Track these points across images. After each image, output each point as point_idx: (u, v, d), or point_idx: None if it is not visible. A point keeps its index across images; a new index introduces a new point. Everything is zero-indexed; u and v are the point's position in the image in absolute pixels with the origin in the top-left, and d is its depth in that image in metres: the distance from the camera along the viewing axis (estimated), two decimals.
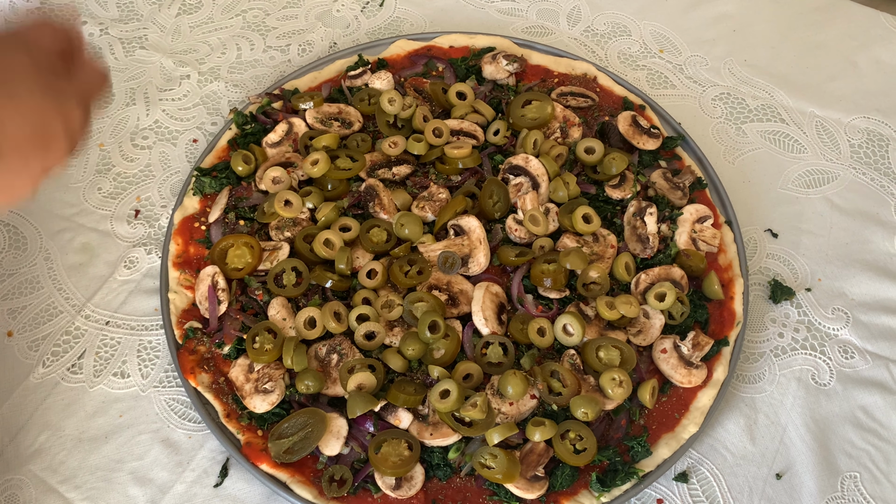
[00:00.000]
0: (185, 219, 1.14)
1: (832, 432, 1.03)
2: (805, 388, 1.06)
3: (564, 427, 0.97)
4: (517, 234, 1.11)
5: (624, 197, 1.15)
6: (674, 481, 1.00)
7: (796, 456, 1.02)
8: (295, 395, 1.00)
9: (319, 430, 0.96)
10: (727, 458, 1.01)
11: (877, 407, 1.05)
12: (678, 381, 1.02)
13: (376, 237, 1.10)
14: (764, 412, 1.05)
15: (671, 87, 1.35)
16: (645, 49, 1.40)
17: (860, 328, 1.11)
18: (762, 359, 1.09)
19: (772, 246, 1.18)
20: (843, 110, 1.32)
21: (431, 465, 0.97)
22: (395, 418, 0.98)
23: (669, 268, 1.09)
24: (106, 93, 0.70)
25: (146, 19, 1.42)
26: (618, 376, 0.98)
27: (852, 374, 1.08)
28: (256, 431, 0.99)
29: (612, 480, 0.96)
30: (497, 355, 1.02)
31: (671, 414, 1.01)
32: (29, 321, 1.09)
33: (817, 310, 1.13)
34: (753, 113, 1.32)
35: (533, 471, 0.95)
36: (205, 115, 1.31)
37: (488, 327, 1.03)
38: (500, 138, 1.20)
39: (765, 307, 1.13)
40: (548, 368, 1.00)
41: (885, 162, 1.27)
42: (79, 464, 1.00)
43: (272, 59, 1.38)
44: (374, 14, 1.45)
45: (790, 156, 1.28)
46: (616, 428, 1.00)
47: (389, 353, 1.01)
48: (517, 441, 0.97)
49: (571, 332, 1.03)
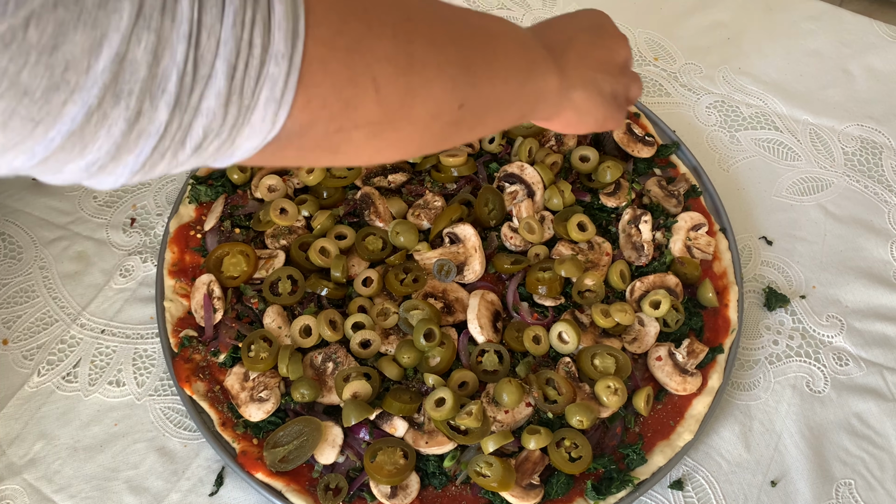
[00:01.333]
0: (181, 227, 1.15)
1: (827, 439, 1.04)
2: (800, 396, 1.07)
3: (560, 435, 0.97)
4: (512, 242, 1.12)
5: (619, 205, 1.16)
6: (669, 489, 1.00)
7: (791, 463, 1.02)
8: (290, 404, 1.00)
9: (315, 438, 0.96)
10: (722, 465, 1.02)
11: (871, 414, 1.05)
12: (673, 388, 1.02)
13: (372, 245, 1.10)
14: (759, 419, 1.05)
15: (665, 94, 1.36)
16: (640, 57, 1.41)
17: (854, 335, 1.11)
18: (757, 366, 1.09)
19: (766, 253, 1.19)
20: (837, 118, 1.33)
21: (427, 474, 0.97)
22: (391, 427, 0.98)
23: (664, 276, 1.09)
24: (640, 96, 0.90)
25: None
26: (613, 384, 0.99)
27: (847, 382, 1.08)
28: (252, 440, 0.99)
29: (608, 488, 0.96)
30: (492, 363, 1.02)
31: (666, 421, 1.02)
32: (24, 330, 1.09)
33: (812, 317, 1.13)
34: (747, 121, 1.33)
35: (528, 479, 0.95)
36: None
37: (484, 335, 1.03)
38: (496, 146, 1.20)
39: (759, 314, 1.13)
40: (543, 376, 1.01)
41: (878, 169, 1.27)
42: (74, 473, 1.00)
43: None
44: None
45: (784, 163, 1.28)
46: (611, 436, 1.00)
47: (385, 362, 1.01)
48: (512, 449, 0.98)
49: (567, 339, 1.03)
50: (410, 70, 0.55)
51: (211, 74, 0.43)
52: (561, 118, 0.80)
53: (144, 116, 0.42)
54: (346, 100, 0.51)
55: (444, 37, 0.59)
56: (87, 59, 0.39)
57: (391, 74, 0.53)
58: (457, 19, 0.62)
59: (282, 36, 0.45)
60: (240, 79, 0.45)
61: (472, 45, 0.63)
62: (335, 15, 0.50)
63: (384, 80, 0.53)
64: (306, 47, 0.47)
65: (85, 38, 0.38)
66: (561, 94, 0.76)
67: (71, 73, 0.38)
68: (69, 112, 0.40)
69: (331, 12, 0.49)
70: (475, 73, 0.62)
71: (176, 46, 0.41)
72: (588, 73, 0.79)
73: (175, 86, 0.42)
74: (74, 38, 0.38)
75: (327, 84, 0.49)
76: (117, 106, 0.41)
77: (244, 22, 0.44)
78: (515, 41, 0.69)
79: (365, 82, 0.52)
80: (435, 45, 0.57)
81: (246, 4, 0.44)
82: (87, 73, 0.39)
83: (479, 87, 0.63)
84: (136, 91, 0.41)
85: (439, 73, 0.58)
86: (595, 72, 0.80)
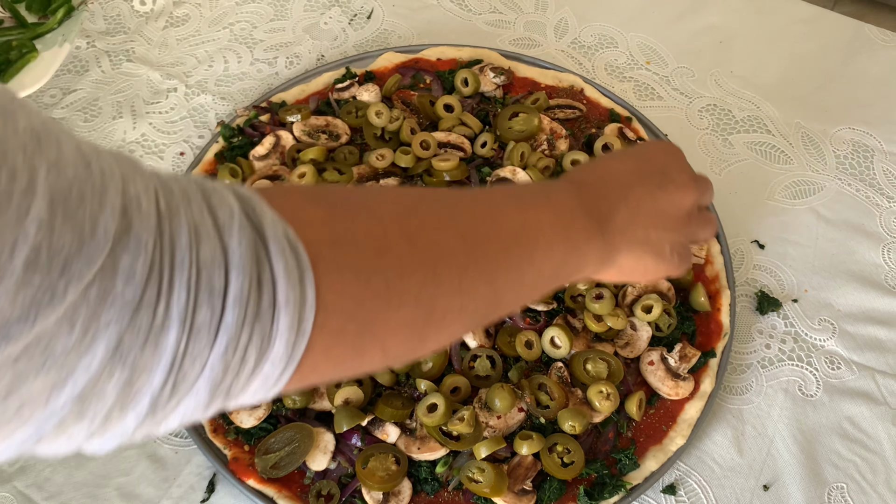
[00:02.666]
0: None
1: (819, 443, 1.04)
2: (792, 399, 1.07)
3: (552, 440, 0.97)
4: None
5: None
6: (662, 493, 1.00)
7: (784, 467, 1.02)
8: (282, 410, 1.00)
9: (306, 444, 0.96)
10: (715, 469, 1.02)
11: (863, 417, 1.06)
12: (666, 393, 1.02)
13: None
14: (751, 423, 1.05)
15: (658, 98, 1.36)
16: (632, 61, 1.41)
17: (846, 339, 1.12)
18: (749, 370, 1.09)
19: (758, 257, 1.19)
20: (829, 121, 1.33)
21: (419, 480, 0.97)
22: (383, 433, 0.97)
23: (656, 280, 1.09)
24: (711, 238, 0.83)
25: (133, 32, 1.42)
26: (605, 389, 0.99)
27: (839, 385, 1.08)
28: (243, 447, 0.99)
29: (600, 493, 0.96)
30: (485, 368, 1.02)
31: (659, 426, 1.02)
32: None
33: (804, 321, 1.13)
34: (740, 124, 1.33)
35: (521, 484, 0.95)
36: (192, 128, 1.30)
37: (476, 340, 1.03)
38: (488, 150, 1.20)
39: (752, 318, 1.13)
40: (535, 381, 1.00)
41: (870, 173, 1.27)
42: (65, 480, 0.99)
43: (259, 71, 1.38)
44: (362, 27, 1.45)
45: (776, 167, 1.28)
46: (604, 441, 1.00)
47: None
48: (505, 455, 0.97)
49: (559, 344, 1.03)
50: (427, 326, 0.50)
51: (192, 391, 0.40)
52: (602, 276, 0.72)
53: (111, 424, 0.38)
54: (345, 370, 0.48)
55: (475, 274, 0.53)
56: (47, 396, 0.35)
57: (403, 339, 0.50)
58: (492, 237, 0.55)
59: (283, 343, 0.41)
60: (226, 386, 0.41)
61: (506, 266, 0.56)
62: (350, 302, 0.45)
63: (394, 345, 0.49)
64: (311, 342, 0.43)
65: (46, 383, 0.34)
66: (603, 262, 0.68)
67: (26, 409, 0.35)
68: (19, 436, 0.36)
69: (346, 299, 0.45)
70: (502, 296, 0.57)
71: (154, 376, 0.37)
72: (639, 234, 0.69)
73: (147, 405, 0.39)
74: (33, 384, 0.34)
75: (328, 365, 0.46)
76: (79, 423, 0.37)
77: (237, 347, 0.40)
78: (554, 227, 0.62)
79: (372, 351, 0.48)
80: (461, 290, 0.52)
81: (243, 328, 0.39)
82: (46, 406, 0.35)
83: (503, 303, 0.59)
84: (102, 413, 0.37)
85: (459, 316, 0.53)
86: (648, 229, 0.70)
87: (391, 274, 0.47)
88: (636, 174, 0.72)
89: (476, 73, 1.28)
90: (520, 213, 0.60)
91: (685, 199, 0.73)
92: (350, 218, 0.47)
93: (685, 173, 0.75)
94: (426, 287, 0.49)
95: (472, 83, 1.26)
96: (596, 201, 0.67)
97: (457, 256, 0.52)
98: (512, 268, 0.57)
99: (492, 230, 0.57)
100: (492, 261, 0.56)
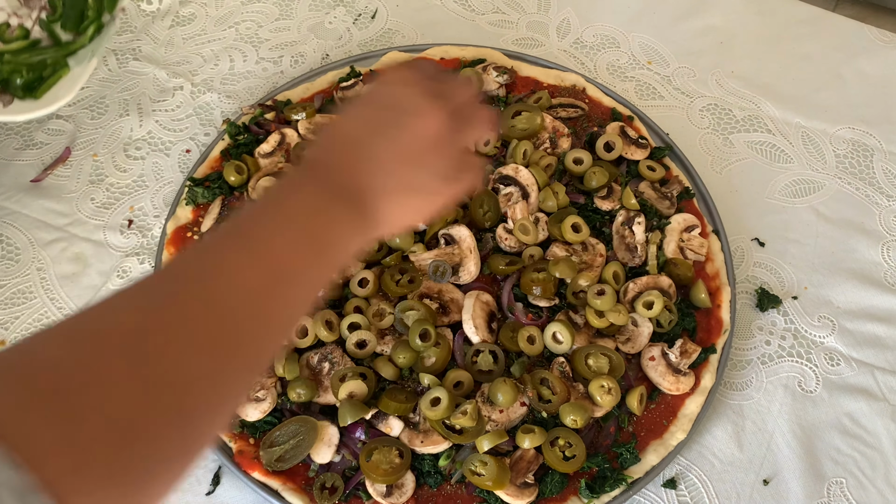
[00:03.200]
0: (178, 228, 1.15)
1: (818, 438, 1.05)
2: (792, 395, 1.08)
3: (554, 434, 0.98)
4: (507, 244, 1.12)
5: (613, 208, 1.17)
6: (662, 487, 1.01)
7: (783, 462, 1.03)
8: (287, 404, 1.01)
9: (311, 437, 0.97)
10: (715, 464, 1.03)
11: (862, 413, 1.06)
12: (666, 388, 1.03)
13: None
14: (751, 419, 1.06)
15: (659, 98, 1.37)
16: (633, 60, 1.42)
17: (846, 336, 1.12)
18: (749, 366, 1.10)
19: (759, 255, 1.20)
20: (829, 121, 1.34)
21: (422, 473, 0.98)
22: (386, 426, 0.98)
23: (657, 277, 1.10)
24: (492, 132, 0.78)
25: (139, 31, 1.43)
26: (606, 384, 1.00)
27: (838, 381, 1.09)
28: (248, 439, 1.00)
29: (601, 487, 0.97)
30: (487, 363, 1.03)
31: (659, 421, 1.03)
32: (22, 331, 1.10)
33: (804, 318, 1.14)
34: (740, 123, 1.34)
35: (523, 478, 0.96)
36: (198, 126, 1.32)
37: (479, 335, 1.04)
38: (491, 149, 1.21)
39: (752, 315, 1.14)
40: (537, 376, 1.01)
41: (869, 172, 1.28)
42: None
43: (265, 70, 1.39)
44: (366, 26, 1.46)
45: (777, 166, 1.29)
46: (605, 435, 1.01)
47: (381, 362, 1.02)
48: (507, 448, 0.98)
49: (561, 339, 1.04)
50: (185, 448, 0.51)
51: None
52: (377, 237, 0.69)
53: None
54: None
55: (231, 385, 0.54)
56: None
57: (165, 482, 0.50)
58: (235, 336, 0.55)
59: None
60: None
61: (260, 345, 0.57)
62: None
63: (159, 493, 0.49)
64: None
65: None
66: (364, 229, 0.66)
67: None
68: None
69: None
70: (266, 356, 0.59)
71: None
72: (391, 182, 0.67)
73: None
74: None
75: None
76: None
77: None
78: (296, 243, 0.61)
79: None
80: (215, 418, 0.53)
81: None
82: None
83: (269, 354, 0.60)
84: None
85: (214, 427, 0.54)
86: (399, 173, 0.68)
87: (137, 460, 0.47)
88: (369, 124, 0.69)
89: (479, 72, 1.30)
90: (252, 262, 0.57)
91: (429, 125, 0.68)
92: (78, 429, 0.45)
93: (419, 97, 0.69)
94: (179, 458, 0.50)
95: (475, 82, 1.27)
96: (334, 176, 0.65)
97: (205, 393, 0.52)
98: (267, 333, 0.58)
99: (231, 327, 0.55)
100: (249, 360, 0.56)
